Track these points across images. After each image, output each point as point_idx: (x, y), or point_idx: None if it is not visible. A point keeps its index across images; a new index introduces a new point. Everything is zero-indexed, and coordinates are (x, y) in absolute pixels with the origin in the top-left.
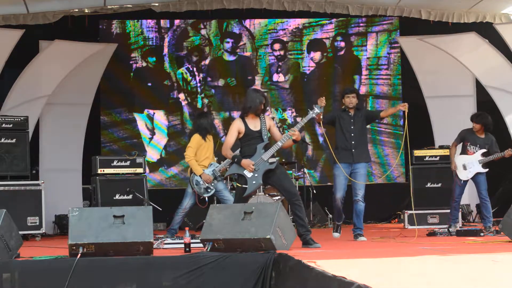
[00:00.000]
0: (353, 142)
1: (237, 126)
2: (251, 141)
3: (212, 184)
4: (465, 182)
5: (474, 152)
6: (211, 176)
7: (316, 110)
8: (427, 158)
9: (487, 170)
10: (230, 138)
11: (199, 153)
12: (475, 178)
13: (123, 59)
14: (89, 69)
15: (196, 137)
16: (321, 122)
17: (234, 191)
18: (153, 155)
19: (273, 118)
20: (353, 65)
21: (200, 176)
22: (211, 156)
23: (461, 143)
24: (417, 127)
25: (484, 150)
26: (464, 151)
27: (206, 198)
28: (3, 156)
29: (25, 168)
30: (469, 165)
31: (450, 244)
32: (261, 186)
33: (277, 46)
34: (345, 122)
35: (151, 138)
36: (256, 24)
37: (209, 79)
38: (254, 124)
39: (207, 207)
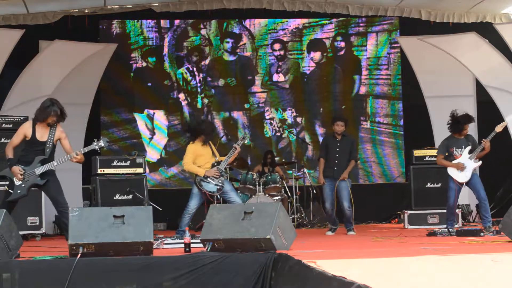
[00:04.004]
0: (335, 168)
1: (24, 129)
2: (33, 149)
3: (220, 180)
4: (461, 186)
5: (461, 154)
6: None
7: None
8: (427, 158)
9: (480, 163)
10: (16, 139)
11: (200, 158)
12: (470, 180)
13: (123, 59)
14: (89, 69)
15: (190, 145)
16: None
17: (239, 191)
18: (153, 155)
19: (272, 119)
20: (353, 65)
21: (205, 174)
22: (211, 160)
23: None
24: (417, 127)
25: (469, 148)
26: (451, 158)
27: (218, 196)
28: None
29: None
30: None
31: (450, 244)
32: (259, 187)
33: (277, 46)
34: (332, 147)
35: (151, 138)
36: (256, 24)
37: (209, 79)
38: (41, 134)
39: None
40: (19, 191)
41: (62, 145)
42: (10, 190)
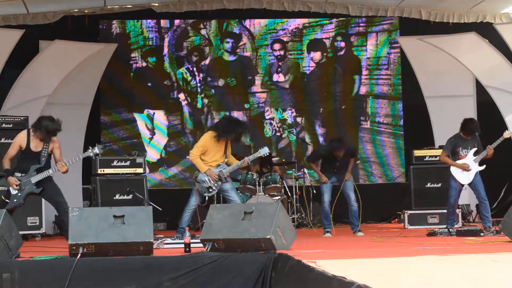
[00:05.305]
0: (335, 171)
1: (19, 140)
2: (28, 158)
3: (216, 184)
4: (462, 186)
5: (467, 155)
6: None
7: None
8: (427, 158)
9: (484, 166)
10: (12, 151)
11: (208, 154)
12: (472, 180)
13: (123, 59)
14: (89, 69)
15: (205, 136)
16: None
17: (239, 191)
18: (153, 155)
19: (272, 119)
20: (353, 65)
21: (205, 173)
22: (220, 159)
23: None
24: (417, 127)
25: (475, 149)
26: (456, 157)
27: (206, 197)
28: (3, 156)
29: None
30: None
31: (450, 244)
32: (259, 187)
33: (277, 46)
34: (331, 159)
35: (151, 138)
36: (256, 24)
37: (209, 79)
38: (36, 144)
39: (207, 207)
40: (15, 200)
41: (53, 154)
42: (6, 200)
